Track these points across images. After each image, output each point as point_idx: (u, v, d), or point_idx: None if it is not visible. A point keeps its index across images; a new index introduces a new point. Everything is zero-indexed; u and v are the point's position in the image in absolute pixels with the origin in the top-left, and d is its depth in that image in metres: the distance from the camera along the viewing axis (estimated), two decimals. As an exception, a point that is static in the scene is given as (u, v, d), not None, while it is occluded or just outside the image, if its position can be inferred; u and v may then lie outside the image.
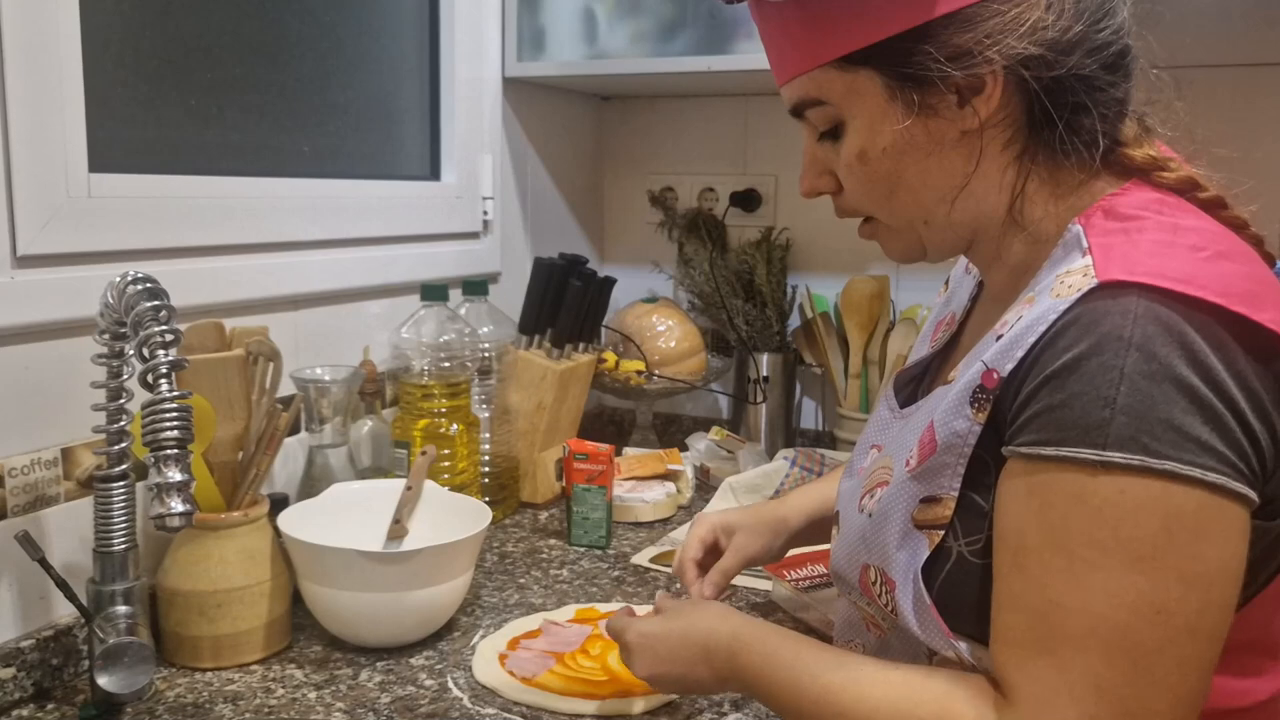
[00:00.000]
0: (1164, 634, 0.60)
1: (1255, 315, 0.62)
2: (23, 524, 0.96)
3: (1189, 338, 0.61)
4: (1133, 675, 0.60)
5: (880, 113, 0.72)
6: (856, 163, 0.75)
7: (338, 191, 1.37)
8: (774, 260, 1.84)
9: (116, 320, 0.90)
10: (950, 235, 0.77)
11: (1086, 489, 0.61)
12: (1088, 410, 0.61)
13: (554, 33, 1.67)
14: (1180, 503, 0.60)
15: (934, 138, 0.72)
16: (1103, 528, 0.61)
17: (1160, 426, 0.60)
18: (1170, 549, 0.60)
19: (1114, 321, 0.62)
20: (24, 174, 0.95)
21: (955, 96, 0.70)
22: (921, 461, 0.72)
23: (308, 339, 1.31)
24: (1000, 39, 0.68)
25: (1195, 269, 0.63)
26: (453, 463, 1.35)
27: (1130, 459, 0.60)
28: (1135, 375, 0.60)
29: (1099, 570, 0.61)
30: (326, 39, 1.41)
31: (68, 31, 0.99)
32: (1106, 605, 0.61)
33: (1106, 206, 0.70)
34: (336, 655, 1.06)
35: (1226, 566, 0.61)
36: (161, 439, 0.79)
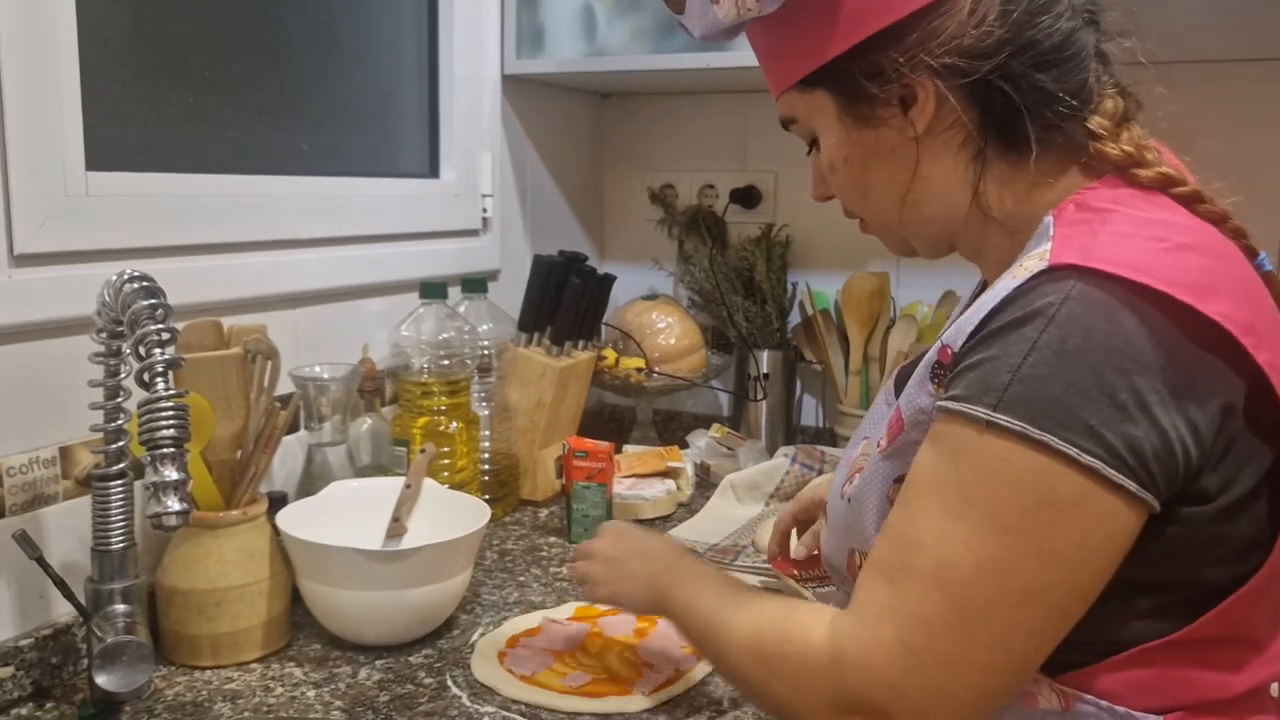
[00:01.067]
0: (998, 596, 0.63)
1: (1202, 305, 0.62)
2: (21, 523, 0.96)
3: (1116, 325, 0.62)
4: (958, 623, 0.64)
5: (837, 127, 0.79)
6: (830, 173, 0.82)
7: (336, 189, 1.37)
8: (774, 257, 1.84)
9: (114, 319, 0.90)
10: (928, 232, 0.81)
11: (973, 445, 0.64)
12: (994, 374, 0.64)
13: (553, 30, 1.67)
14: (1054, 481, 0.62)
15: (886, 146, 0.77)
16: (980, 486, 0.64)
17: (1052, 403, 0.62)
18: (1035, 524, 0.63)
19: (1047, 299, 0.64)
20: (21, 172, 0.95)
21: (897, 108, 0.75)
22: (891, 441, 0.74)
23: (307, 337, 1.31)
24: (916, 53, 0.72)
25: (1150, 259, 0.64)
26: (452, 460, 1.35)
27: (1013, 424, 0.63)
28: (1045, 349, 0.63)
29: (963, 522, 0.64)
30: (325, 37, 1.41)
31: (65, 29, 0.99)
32: (957, 554, 0.64)
33: (1079, 200, 0.71)
34: (335, 653, 1.06)
35: (1089, 550, 0.63)
36: (158, 438, 0.79)
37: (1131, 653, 0.67)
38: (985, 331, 0.66)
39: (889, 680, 0.65)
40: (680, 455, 1.61)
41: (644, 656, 1.04)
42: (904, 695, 0.65)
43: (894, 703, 0.65)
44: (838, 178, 0.81)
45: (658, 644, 1.07)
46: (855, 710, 0.67)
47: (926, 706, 0.65)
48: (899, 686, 0.65)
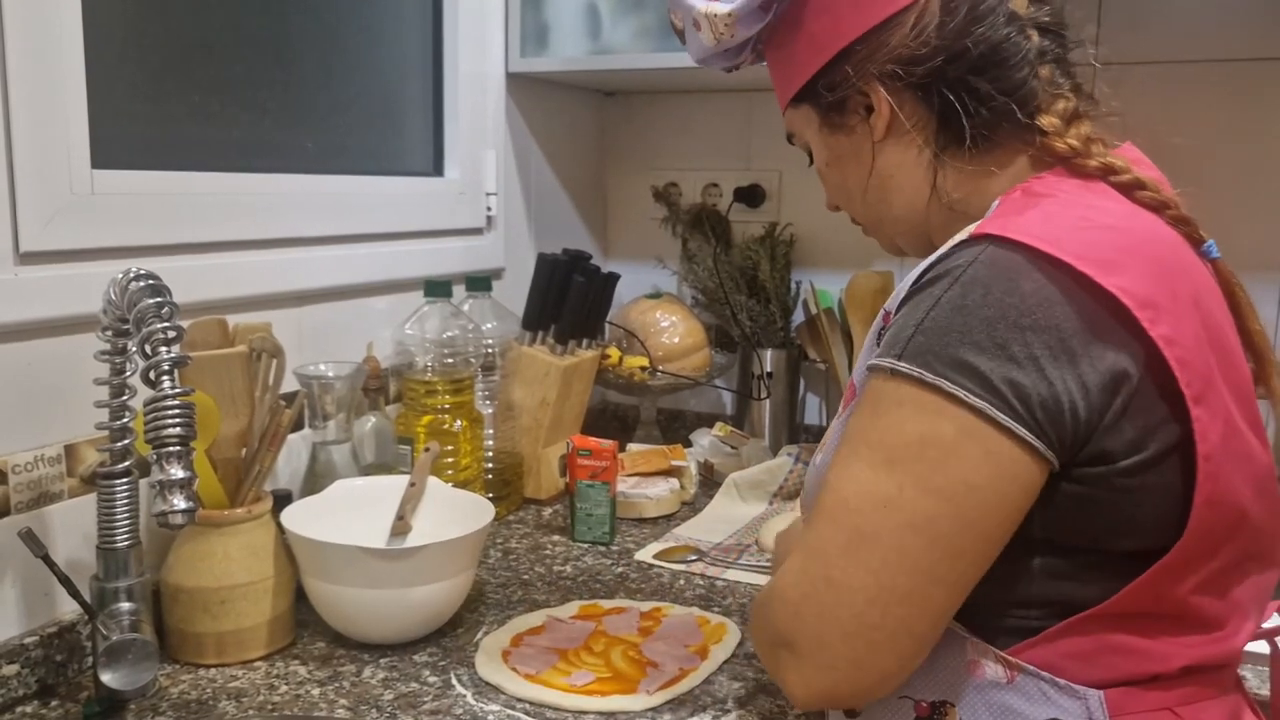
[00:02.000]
0: (884, 524, 0.68)
1: (1101, 278, 0.66)
2: (26, 521, 0.96)
3: (1015, 285, 0.67)
4: (844, 549, 0.68)
5: (818, 136, 0.88)
6: (823, 178, 0.92)
7: (341, 188, 1.37)
8: (778, 256, 1.84)
9: (119, 317, 0.90)
10: (906, 229, 0.87)
11: (879, 393, 0.70)
12: (902, 329, 0.70)
13: (557, 28, 1.67)
14: (940, 421, 0.67)
15: (858, 150, 0.85)
16: (876, 428, 0.70)
17: (946, 350, 0.67)
18: (919, 459, 0.67)
19: (957, 262, 0.70)
20: (27, 170, 0.95)
21: (863, 115, 0.83)
22: (846, 405, 0.78)
23: (311, 335, 1.31)
24: (864, 65, 0.80)
25: (1064, 234, 0.68)
26: (456, 459, 1.35)
27: (910, 370, 0.68)
28: (946, 305, 0.68)
29: (859, 461, 0.70)
30: (330, 35, 1.41)
31: (70, 27, 0.99)
32: (849, 489, 0.69)
33: (1025, 187, 0.76)
34: (340, 652, 1.06)
35: (974, 489, 0.66)
36: (164, 436, 0.79)
37: (1069, 622, 0.70)
38: (904, 295, 0.73)
39: (792, 608, 0.70)
40: (684, 454, 1.61)
41: (648, 655, 1.04)
42: (803, 621, 0.69)
43: (796, 629, 0.70)
44: (826, 183, 0.92)
45: (662, 642, 1.07)
46: (776, 642, 0.71)
47: (820, 631, 0.69)
48: (799, 612, 0.70)
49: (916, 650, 0.69)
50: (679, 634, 1.09)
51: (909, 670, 0.70)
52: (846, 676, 0.69)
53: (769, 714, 0.95)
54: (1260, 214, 1.54)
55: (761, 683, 1.00)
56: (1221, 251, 0.78)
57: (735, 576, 1.27)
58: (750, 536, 1.40)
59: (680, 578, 1.27)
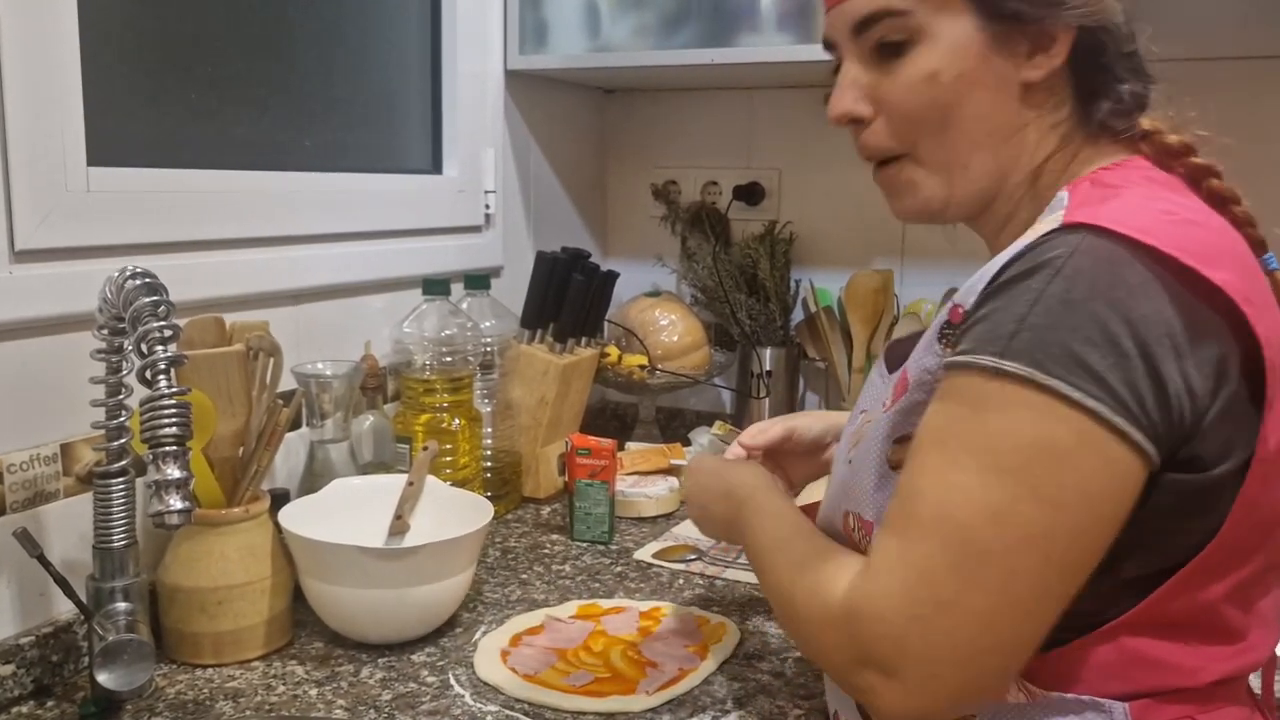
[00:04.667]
0: (997, 540, 0.63)
1: (1206, 270, 0.63)
2: (22, 520, 0.96)
3: (1120, 277, 0.63)
4: (956, 569, 0.63)
5: (963, 38, 0.73)
6: (924, 84, 0.74)
7: (339, 185, 1.37)
8: (777, 254, 1.83)
9: (115, 315, 0.89)
10: (977, 188, 0.77)
11: (979, 394, 0.65)
12: (1001, 324, 0.64)
13: (556, 26, 1.66)
14: (1056, 425, 0.62)
15: (1000, 80, 0.74)
16: (980, 433, 0.64)
17: (1058, 348, 0.62)
18: (1033, 466, 0.62)
19: (1055, 252, 0.65)
20: (22, 168, 0.95)
21: (1028, 46, 0.73)
22: (895, 400, 0.74)
23: (309, 334, 1.31)
24: (1081, 3, 0.72)
25: (1157, 225, 0.65)
26: (455, 458, 1.35)
27: (1020, 369, 0.63)
28: (1051, 298, 0.63)
29: (963, 470, 0.64)
30: (328, 32, 1.40)
31: (66, 24, 0.98)
32: (954, 501, 0.64)
33: (1094, 177, 0.73)
34: (338, 652, 1.06)
35: (1088, 497, 0.63)
36: (160, 436, 0.79)
37: (1097, 632, 0.68)
38: (992, 288, 0.67)
39: (895, 632, 0.65)
40: (683, 453, 1.61)
41: (648, 655, 1.04)
42: (909, 646, 0.65)
43: (901, 655, 0.65)
44: (932, 92, 0.74)
45: (661, 642, 1.07)
46: (868, 664, 0.66)
47: (932, 657, 0.64)
48: (904, 638, 0.65)
49: (1021, 665, 0.66)
50: (678, 634, 1.09)
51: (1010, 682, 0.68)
52: (950, 696, 0.65)
53: (768, 714, 0.94)
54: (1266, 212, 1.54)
55: (761, 683, 1.00)
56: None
57: (735, 576, 1.26)
58: (750, 536, 1.40)
59: (679, 577, 1.26)
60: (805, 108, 1.82)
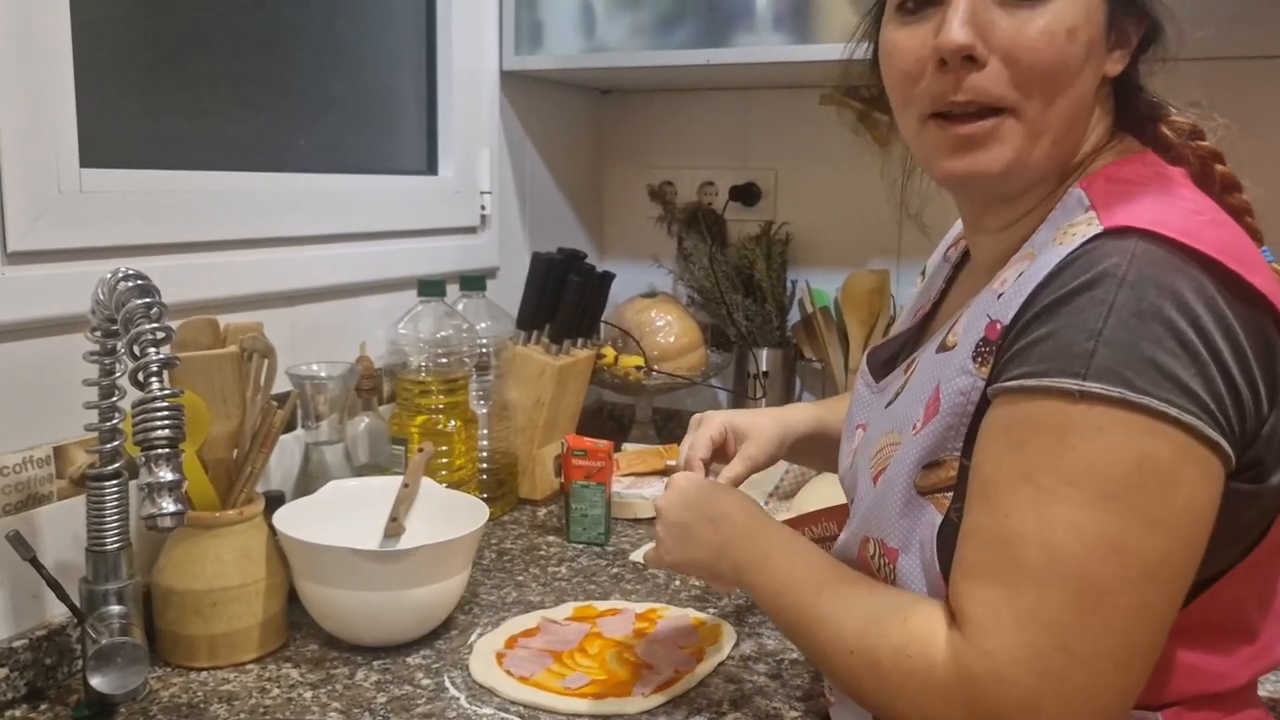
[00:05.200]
0: (1119, 574, 0.60)
1: (1248, 275, 0.62)
2: (14, 523, 0.95)
3: (1181, 283, 0.61)
4: (1080, 612, 0.60)
5: (1096, 6, 0.70)
6: (1064, 36, 0.69)
7: (334, 186, 1.36)
8: (774, 255, 1.83)
9: (108, 317, 0.89)
10: (1052, 164, 0.73)
11: (1064, 420, 0.61)
12: (1073, 341, 0.61)
13: (552, 26, 1.66)
14: (1155, 443, 0.60)
15: (1098, 62, 0.72)
16: (1075, 461, 0.60)
17: (1142, 362, 0.60)
18: (1139, 489, 0.59)
19: (1112, 260, 0.62)
20: (14, 169, 0.94)
21: (1115, 38, 0.73)
22: (926, 423, 0.71)
23: (304, 335, 1.30)
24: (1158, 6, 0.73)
25: (1194, 226, 0.64)
26: (450, 459, 1.35)
27: (1110, 390, 0.60)
28: (1124, 310, 0.60)
29: (1065, 503, 0.60)
30: (323, 32, 1.40)
31: (58, 24, 0.97)
32: (1066, 539, 0.60)
33: (1108, 174, 0.71)
34: (333, 654, 1.05)
35: (1194, 514, 0.61)
36: (152, 438, 0.78)
37: None
38: (1047, 301, 0.63)
39: (1025, 691, 0.60)
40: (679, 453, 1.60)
41: (643, 657, 1.04)
42: (1044, 706, 0.60)
43: (1034, 715, 0.60)
44: (1070, 48, 0.69)
45: (658, 644, 1.06)
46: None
47: (1069, 713, 0.60)
48: (1036, 696, 0.60)
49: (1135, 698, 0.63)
50: (674, 636, 1.08)
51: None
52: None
53: (765, 715, 0.94)
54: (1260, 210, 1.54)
55: (757, 684, 1.00)
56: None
57: (731, 577, 1.26)
58: (746, 537, 1.40)
59: (675, 579, 1.26)
60: (802, 108, 1.82)
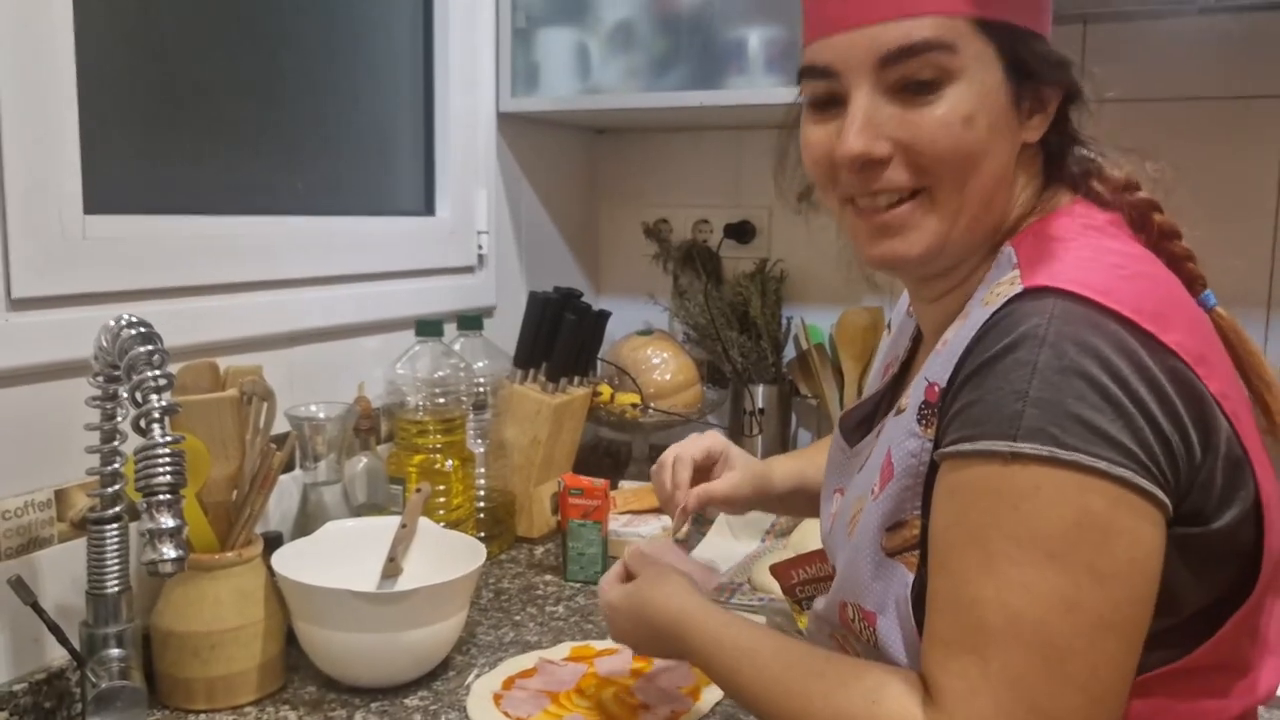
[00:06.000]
0: (1076, 630, 0.61)
1: (1161, 335, 0.64)
2: (16, 567, 0.96)
3: (1099, 339, 0.63)
4: (1046, 671, 0.61)
5: (994, 87, 0.72)
6: (961, 126, 0.71)
7: (332, 228, 1.38)
8: (768, 292, 1.85)
9: (110, 363, 0.90)
10: (974, 239, 0.76)
11: (1001, 482, 0.63)
12: (1001, 404, 0.63)
13: (548, 68, 1.68)
14: (1089, 498, 0.61)
15: (1011, 136, 0.74)
16: (1018, 523, 0.62)
17: (1069, 419, 0.61)
18: (1082, 544, 0.61)
19: (1031, 321, 0.64)
20: (19, 216, 0.96)
21: (1029, 106, 0.74)
22: (883, 488, 0.73)
23: (302, 375, 1.31)
24: (1070, 69, 0.75)
25: (1113, 283, 0.65)
26: (448, 498, 1.35)
27: (1039, 449, 0.61)
28: (1046, 370, 0.62)
29: (1015, 565, 0.62)
30: (321, 77, 1.42)
31: (63, 73, 0.99)
32: (1022, 600, 0.62)
33: (1036, 230, 0.74)
34: (331, 696, 1.06)
35: (1138, 562, 0.62)
36: (154, 484, 0.79)
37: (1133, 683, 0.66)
38: (974, 366, 0.66)
39: None
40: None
41: (640, 697, 1.04)
42: None
43: None
44: (968, 135, 0.71)
45: (654, 684, 1.06)
46: None
47: None
48: None
49: None
50: (671, 676, 1.09)
51: None
52: None
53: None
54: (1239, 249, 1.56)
55: (754, 725, 1.00)
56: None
57: (728, 615, 1.26)
58: (743, 575, 1.40)
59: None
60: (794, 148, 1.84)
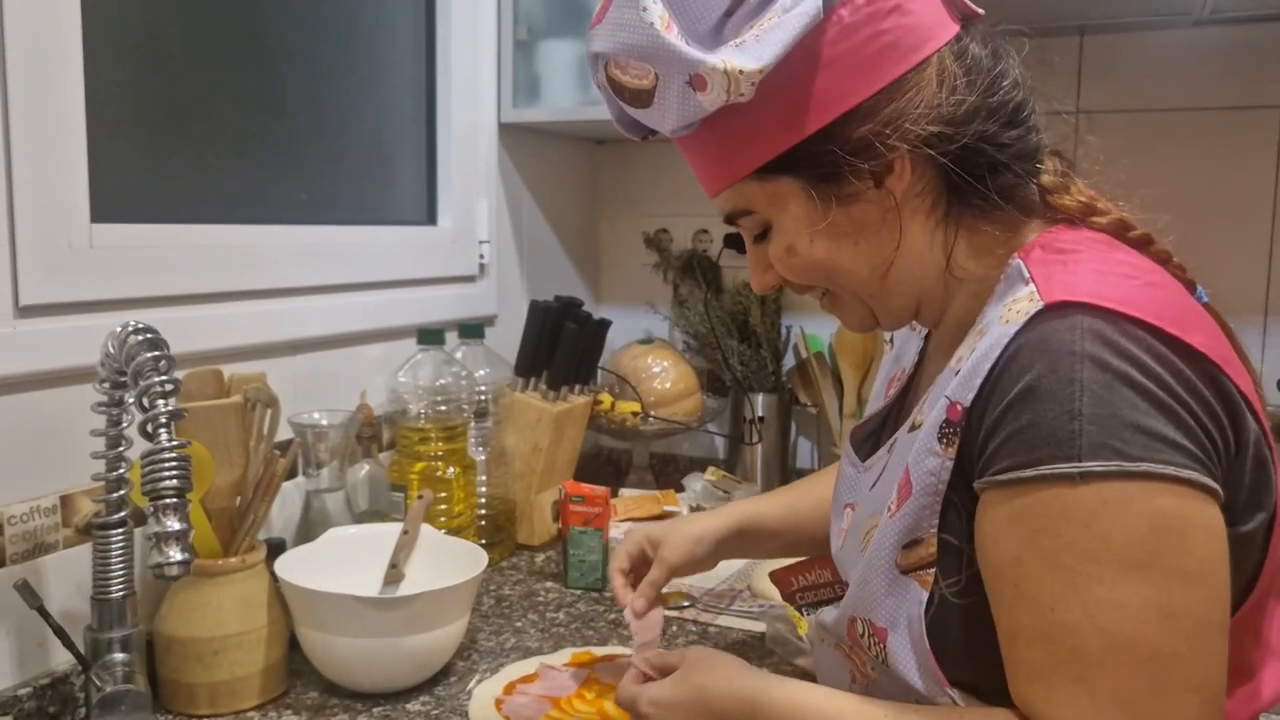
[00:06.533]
0: (1176, 637, 0.61)
1: (1187, 337, 0.64)
2: (22, 572, 0.97)
3: (1132, 349, 0.63)
4: (1155, 684, 0.60)
5: (803, 211, 0.76)
6: (786, 257, 0.79)
7: (335, 237, 1.39)
8: (768, 301, 1.86)
9: (117, 369, 0.91)
10: (897, 303, 0.81)
11: (1070, 503, 0.62)
12: (1056, 425, 0.63)
13: (549, 79, 1.70)
14: (1161, 503, 0.61)
15: (858, 223, 0.76)
16: (1094, 540, 0.62)
17: (1128, 430, 0.62)
18: (1163, 550, 0.61)
19: (1062, 338, 0.64)
20: (27, 225, 0.97)
21: (871, 181, 0.75)
22: (900, 505, 0.73)
23: (305, 383, 1.32)
24: (900, 124, 0.72)
25: (1131, 293, 0.66)
26: (449, 505, 1.36)
27: (1108, 465, 0.61)
28: (1093, 384, 0.62)
29: (1099, 583, 0.61)
30: (324, 88, 1.43)
31: (72, 86, 1.01)
32: (1114, 618, 0.61)
33: (1044, 242, 0.74)
34: (333, 701, 1.06)
35: (1216, 557, 0.63)
36: (161, 488, 0.80)
37: None
38: (1014, 391, 0.65)
39: None
40: (676, 499, 1.62)
41: (641, 703, 1.04)
42: None
43: None
44: (796, 261, 0.79)
45: (654, 690, 1.07)
46: None
47: None
48: None
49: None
50: (671, 681, 1.09)
51: None
52: None
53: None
54: (1237, 258, 1.57)
55: (754, 730, 1.01)
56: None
57: (727, 622, 1.27)
58: (742, 583, 1.41)
59: (673, 624, 1.27)
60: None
